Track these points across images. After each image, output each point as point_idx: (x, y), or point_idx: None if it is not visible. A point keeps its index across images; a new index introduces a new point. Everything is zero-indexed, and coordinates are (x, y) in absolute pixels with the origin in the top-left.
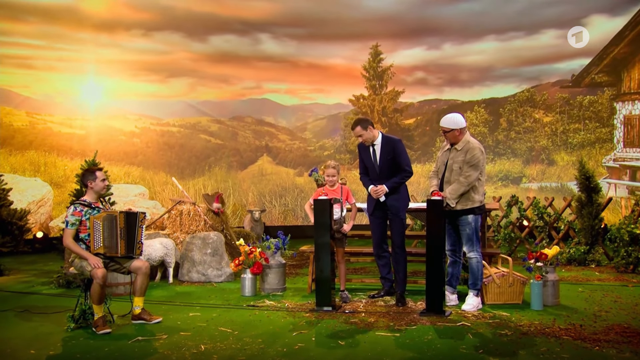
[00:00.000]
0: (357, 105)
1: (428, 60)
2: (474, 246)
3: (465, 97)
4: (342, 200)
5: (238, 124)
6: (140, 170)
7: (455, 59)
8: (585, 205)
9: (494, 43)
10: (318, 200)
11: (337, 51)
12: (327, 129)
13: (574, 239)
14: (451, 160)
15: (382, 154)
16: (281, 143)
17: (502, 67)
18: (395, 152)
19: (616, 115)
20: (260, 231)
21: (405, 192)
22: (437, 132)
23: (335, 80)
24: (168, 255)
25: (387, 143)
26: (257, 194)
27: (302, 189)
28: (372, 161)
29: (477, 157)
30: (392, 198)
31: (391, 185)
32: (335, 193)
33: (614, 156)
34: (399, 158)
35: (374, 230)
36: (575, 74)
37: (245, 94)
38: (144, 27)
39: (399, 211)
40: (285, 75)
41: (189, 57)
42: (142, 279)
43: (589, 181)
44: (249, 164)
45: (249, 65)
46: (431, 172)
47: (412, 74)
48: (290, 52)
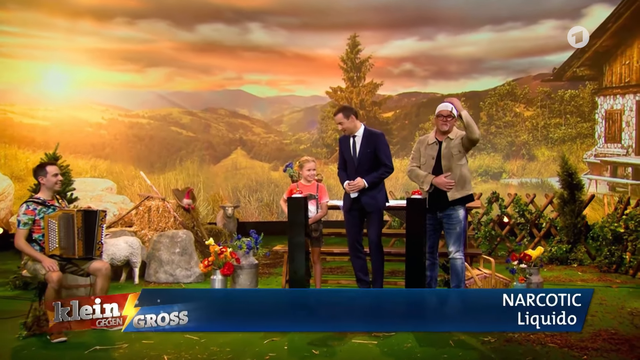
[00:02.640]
0: (335, 98)
1: (419, 51)
2: (460, 246)
3: (447, 90)
4: (317, 197)
5: (211, 116)
6: (107, 164)
7: (446, 50)
8: (567, 202)
9: (489, 34)
10: (292, 199)
11: (327, 41)
12: (303, 121)
13: (556, 237)
14: (446, 149)
15: (362, 147)
16: (256, 136)
17: (492, 59)
18: (376, 146)
19: (597, 110)
20: (233, 228)
21: (383, 188)
22: (417, 125)
23: (319, 72)
24: (134, 254)
25: (369, 136)
26: (230, 189)
27: (278, 183)
28: (351, 154)
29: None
30: (369, 195)
31: (370, 180)
32: (310, 189)
33: (595, 152)
34: (379, 153)
35: (350, 228)
36: (557, 67)
37: (224, 84)
38: (129, 15)
39: (376, 208)
40: (269, 66)
41: (172, 47)
42: (102, 281)
43: (571, 178)
44: (222, 157)
45: (234, 56)
46: (411, 167)
47: (400, 65)
48: (279, 42)
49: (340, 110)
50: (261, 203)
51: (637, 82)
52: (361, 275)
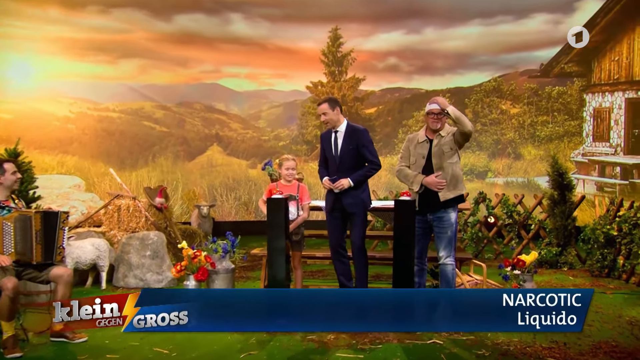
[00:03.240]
0: (315, 93)
1: (405, 45)
2: (451, 251)
3: (432, 86)
4: (298, 198)
5: (186, 111)
6: (75, 160)
7: (434, 44)
8: (557, 203)
9: (479, 28)
10: (272, 200)
11: (311, 33)
12: (282, 117)
13: (545, 239)
14: (437, 147)
15: (345, 143)
16: (233, 132)
17: (480, 53)
18: (359, 143)
19: (585, 107)
20: (208, 228)
21: (366, 188)
22: (400, 122)
23: (301, 65)
24: (101, 257)
25: (351, 132)
26: (206, 186)
27: (256, 181)
28: (332, 151)
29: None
30: (352, 195)
31: (356, 179)
32: (290, 189)
33: (583, 150)
34: (364, 150)
35: (332, 230)
36: (545, 63)
37: (200, 77)
38: (103, 3)
39: (359, 209)
40: (250, 59)
41: (148, 37)
42: (63, 288)
43: (562, 178)
44: (198, 154)
45: (213, 48)
46: (400, 166)
47: (385, 59)
48: (261, 34)
49: (326, 100)
50: (238, 202)
51: (627, 79)
52: (344, 280)
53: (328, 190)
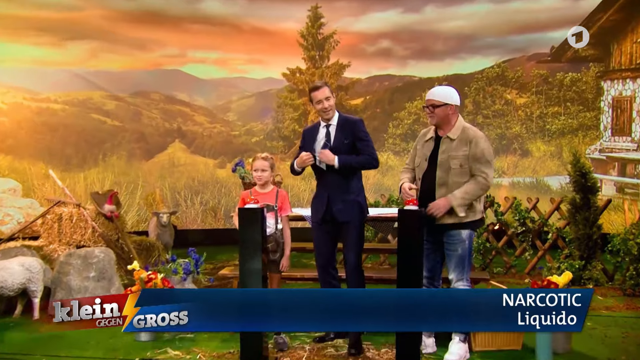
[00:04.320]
0: (293, 81)
1: (401, 25)
2: (464, 273)
3: (427, 73)
4: (277, 208)
5: (142, 102)
6: (10, 159)
7: (434, 24)
8: (579, 208)
9: (486, 5)
10: (245, 210)
11: (293, 12)
12: (255, 109)
13: (564, 250)
14: (444, 155)
15: (338, 137)
16: (198, 126)
17: (486, 35)
18: (355, 136)
19: (603, 96)
20: (169, 239)
21: (362, 191)
22: (390, 115)
23: (279, 49)
24: (32, 281)
25: (344, 124)
26: (167, 190)
27: (225, 183)
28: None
29: (489, 151)
30: (344, 198)
31: (346, 162)
32: (267, 197)
33: (600, 146)
34: (361, 143)
35: (320, 246)
36: (556, 45)
37: (161, 63)
38: None
39: (354, 219)
40: (220, 42)
41: (104, 16)
42: None
43: (585, 178)
44: (157, 152)
45: (179, 28)
46: (403, 168)
47: (377, 42)
48: (236, 13)
49: (325, 84)
50: (205, 207)
51: None
52: None
53: (315, 195)
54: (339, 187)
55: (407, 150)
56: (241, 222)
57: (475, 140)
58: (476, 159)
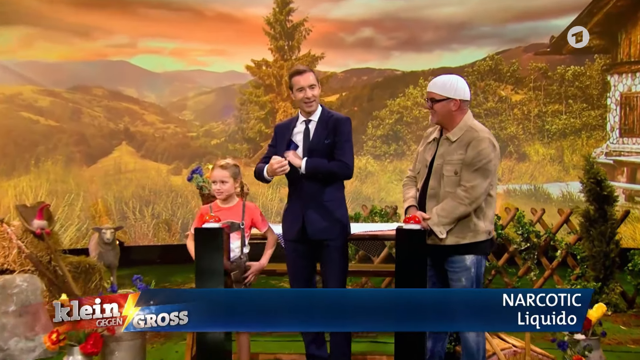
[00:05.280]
0: (259, 75)
1: (386, 12)
2: None
3: (412, 66)
4: (244, 227)
5: (82, 98)
6: None
7: (423, 11)
8: (594, 221)
9: None
10: (202, 231)
11: None
12: (215, 107)
13: (575, 270)
14: (440, 159)
15: (318, 136)
16: (148, 126)
17: (481, 23)
18: (339, 138)
19: (610, 92)
20: (113, 259)
21: (343, 202)
22: (369, 113)
23: (246, 38)
24: None
25: (329, 121)
26: (112, 200)
27: (181, 192)
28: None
29: (486, 155)
30: (322, 212)
31: (312, 166)
32: (231, 213)
33: (607, 149)
34: (339, 146)
35: (294, 271)
36: (556, 35)
37: (107, 53)
38: None
39: (336, 235)
40: (180, 30)
41: None
42: None
43: (600, 187)
44: (100, 156)
45: (130, 13)
46: (405, 178)
47: (358, 31)
48: None
49: (311, 70)
50: (157, 220)
51: None
52: (314, 349)
53: (287, 208)
54: (315, 198)
55: (388, 153)
56: (198, 246)
57: (476, 141)
58: (466, 164)
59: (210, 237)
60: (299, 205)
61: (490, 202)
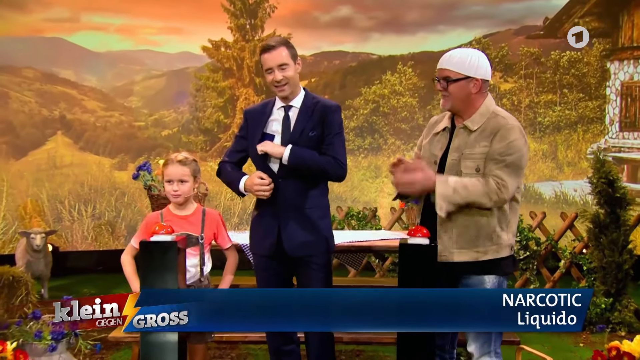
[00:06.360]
0: (217, 57)
1: None
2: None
3: (391, 50)
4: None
5: (10, 80)
6: None
7: None
8: (605, 227)
9: None
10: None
11: None
12: (166, 93)
13: (580, 282)
14: (456, 153)
15: (300, 126)
16: (88, 114)
17: (474, 1)
18: (325, 129)
19: (609, 81)
20: (44, 268)
21: (327, 212)
22: (342, 102)
23: (204, 16)
24: None
25: (314, 109)
26: (45, 199)
27: (126, 190)
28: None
29: (518, 148)
30: (302, 223)
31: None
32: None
33: (605, 144)
34: (329, 138)
35: None
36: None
37: (42, 29)
38: None
39: (317, 251)
40: (128, 4)
41: None
42: None
43: (612, 187)
44: (31, 148)
45: None
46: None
47: (334, 9)
48: None
49: (283, 43)
50: (99, 221)
51: None
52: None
53: (258, 215)
54: (295, 203)
55: (362, 148)
56: (145, 265)
57: (504, 130)
58: (493, 158)
59: (160, 253)
60: (273, 212)
61: (515, 209)
